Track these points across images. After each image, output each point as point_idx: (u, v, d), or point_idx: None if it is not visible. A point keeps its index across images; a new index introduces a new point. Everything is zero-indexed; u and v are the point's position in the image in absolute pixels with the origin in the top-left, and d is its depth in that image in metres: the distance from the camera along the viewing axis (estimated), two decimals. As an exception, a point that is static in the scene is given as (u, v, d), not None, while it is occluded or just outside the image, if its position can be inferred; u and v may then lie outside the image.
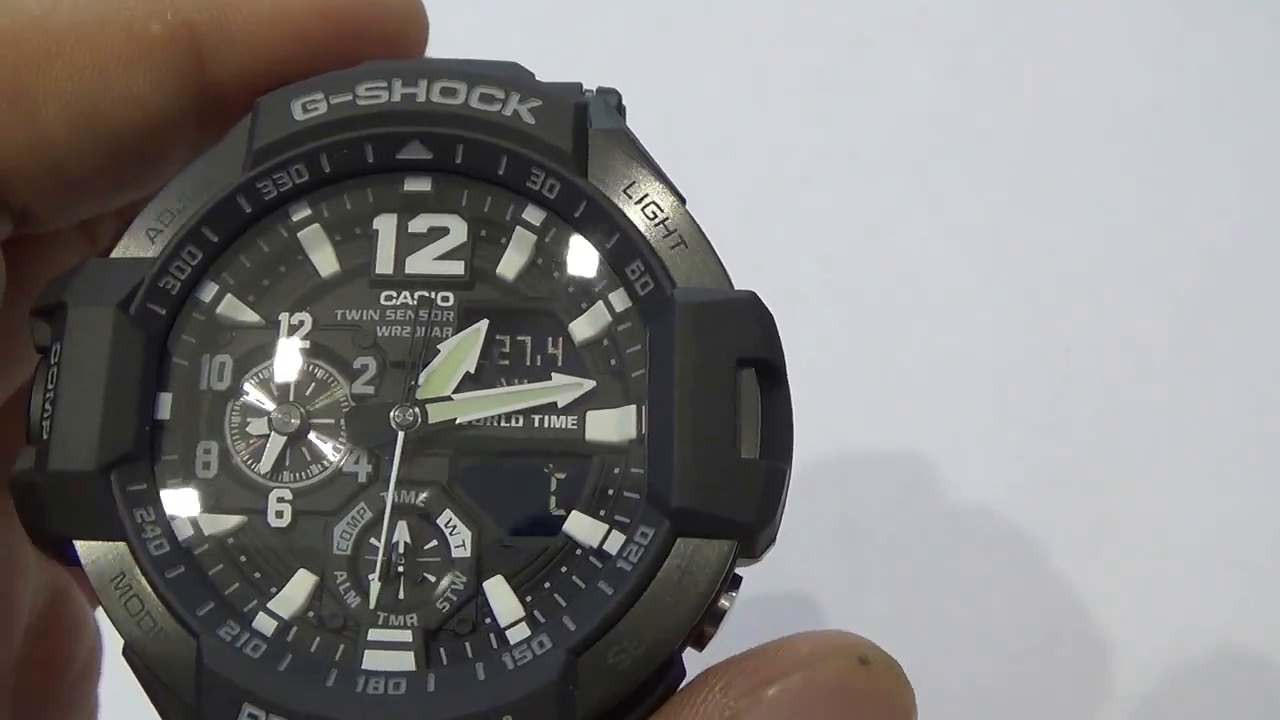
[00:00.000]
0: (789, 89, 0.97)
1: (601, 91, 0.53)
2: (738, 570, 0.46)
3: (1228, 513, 0.85)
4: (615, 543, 0.46)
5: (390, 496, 0.47)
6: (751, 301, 0.47)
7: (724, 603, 0.46)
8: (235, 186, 0.48)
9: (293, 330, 0.49)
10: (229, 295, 0.49)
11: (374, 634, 0.46)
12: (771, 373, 0.46)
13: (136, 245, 0.48)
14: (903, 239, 0.93)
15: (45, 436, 0.46)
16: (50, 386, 0.46)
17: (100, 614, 0.62)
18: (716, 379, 0.46)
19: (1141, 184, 0.94)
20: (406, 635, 0.46)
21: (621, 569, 0.45)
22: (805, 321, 0.78)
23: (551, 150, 0.48)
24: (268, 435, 0.48)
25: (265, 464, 0.48)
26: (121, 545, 0.45)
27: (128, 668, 0.46)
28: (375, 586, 0.47)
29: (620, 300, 0.49)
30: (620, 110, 0.53)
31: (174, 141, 0.52)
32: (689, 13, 0.99)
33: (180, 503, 0.47)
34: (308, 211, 0.50)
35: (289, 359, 0.49)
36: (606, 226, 0.48)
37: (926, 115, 0.97)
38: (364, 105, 0.49)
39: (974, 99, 0.97)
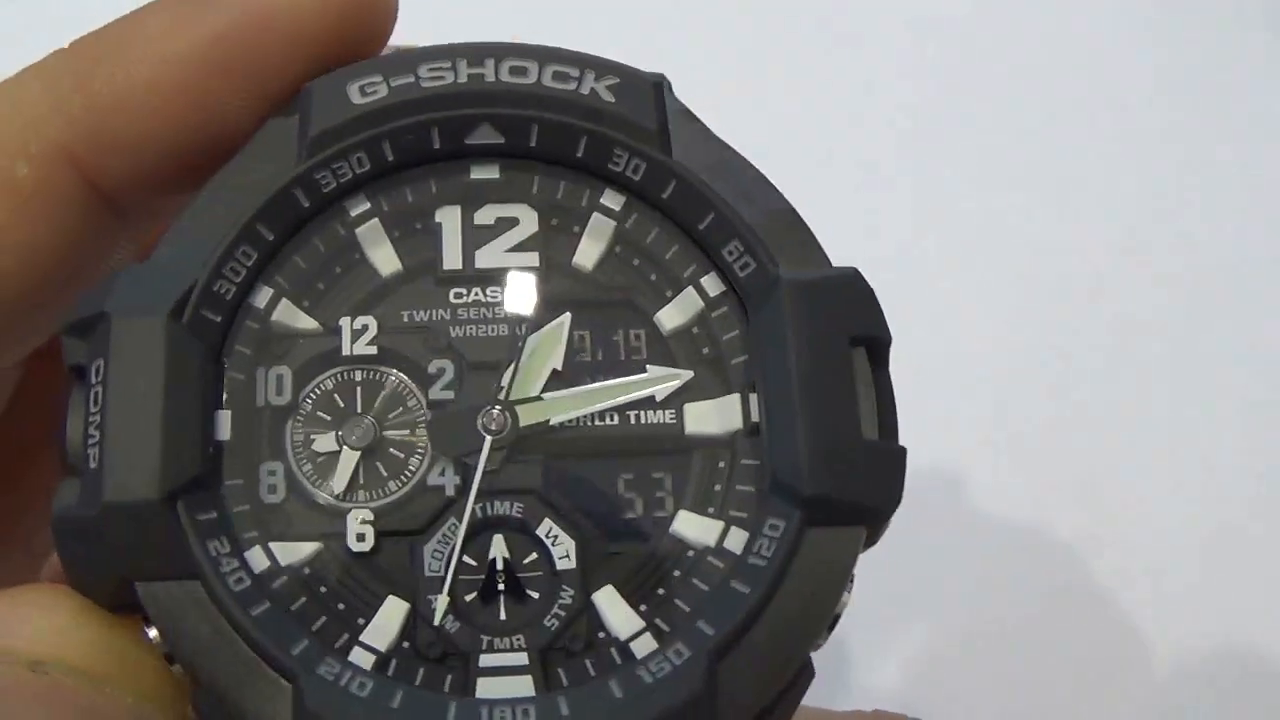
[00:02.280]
0: (785, 87, 0.96)
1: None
2: None
3: (1231, 512, 0.85)
4: (738, 539, 0.43)
5: (469, 506, 0.43)
6: (857, 278, 0.45)
7: (844, 600, 0.43)
8: (292, 178, 0.44)
9: (356, 336, 0.45)
10: (284, 300, 0.45)
11: (485, 659, 0.42)
12: (879, 350, 0.44)
13: (182, 246, 0.43)
14: (902, 239, 0.92)
15: (94, 465, 0.40)
16: (94, 409, 0.41)
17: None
18: (833, 360, 0.43)
19: (1142, 184, 0.94)
20: (522, 658, 0.42)
21: (755, 565, 0.42)
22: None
23: (635, 129, 0.45)
24: (337, 452, 0.44)
25: (338, 483, 0.43)
26: (193, 584, 0.40)
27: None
28: (442, 602, 0.42)
29: (714, 284, 0.46)
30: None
31: (94, 256, 0.47)
32: (683, 8, 0.97)
33: (251, 531, 0.42)
34: (366, 205, 0.46)
35: (355, 367, 0.45)
36: (699, 207, 0.45)
37: (926, 114, 0.96)
38: (429, 87, 0.45)
39: (974, 98, 0.97)
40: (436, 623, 0.42)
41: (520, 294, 0.46)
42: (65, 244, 0.45)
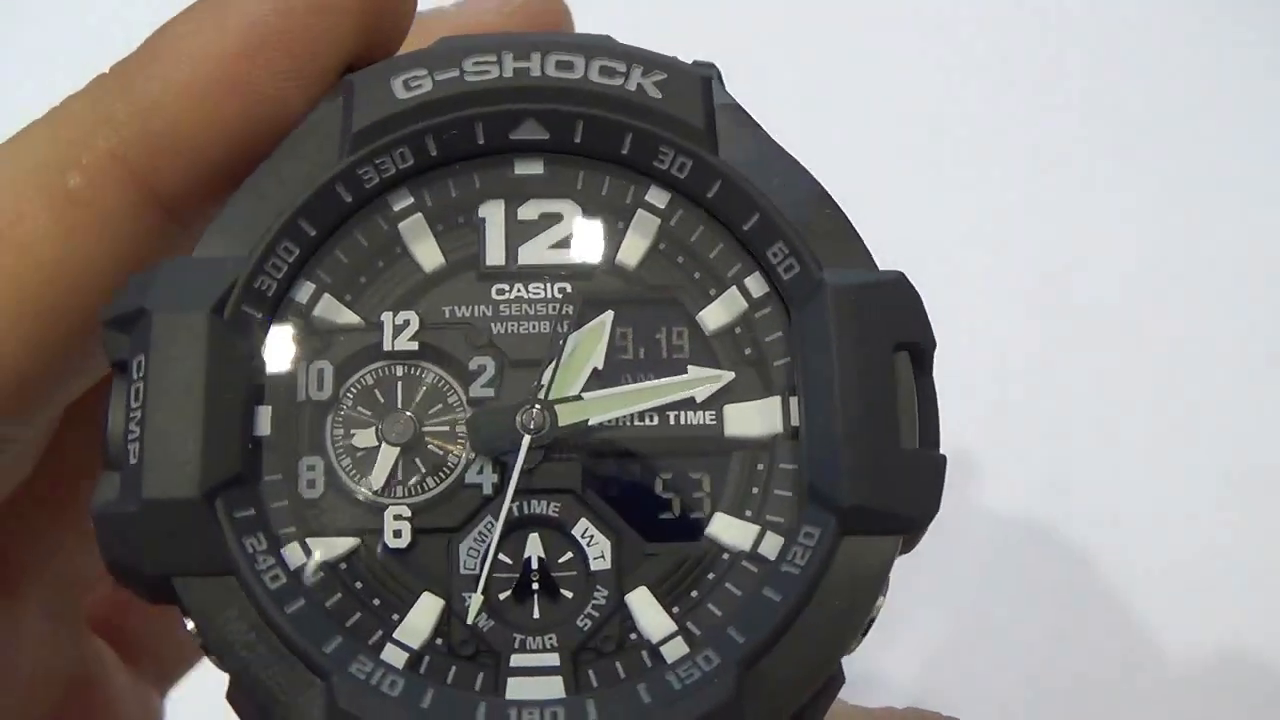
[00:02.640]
0: (790, 85, 0.95)
1: (697, 65, 0.50)
2: None
3: (1235, 512, 0.85)
4: (773, 545, 0.43)
5: (506, 505, 0.43)
6: (903, 283, 0.44)
7: (878, 604, 0.43)
8: (335, 174, 0.44)
9: (398, 331, 0.45)
10: (326, 295, 0.45)
11: (516, 659, 0.42)
12: (922, 356, 0.44)
13: (223, 242, 0.43)
14: (902, 238, 0.91)
15: (134, 461, 0.41)
16: (135, 404, 0.41)
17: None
18: (876, 366, 0.42)
19: (1144, 183, 0.93)
20: (553, 659, 0.42)
21: (788, 573, 0.41)
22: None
23: (682, 126, 0.45)
24: (377, 447, 0.44)
25: (377, 479, 0.44)
26: (230, 580, 0.41)
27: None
28: (477, 600, 0.42)
29: (757, 285, 0.45)
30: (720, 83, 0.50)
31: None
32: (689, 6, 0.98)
33: (289, 527, 0.43)
34: (410, 200, 0.46)
35: (396, 363, 0.45)
36: (745, 207, 0.45)
37: (927, 113, 0.96)
38: (473, 81, 0.44)
39: (978, 97, 0.96)
40: (470, 621, 0.42)
41: (564, 289, 0.45)
42: (123, 253, 0.45)
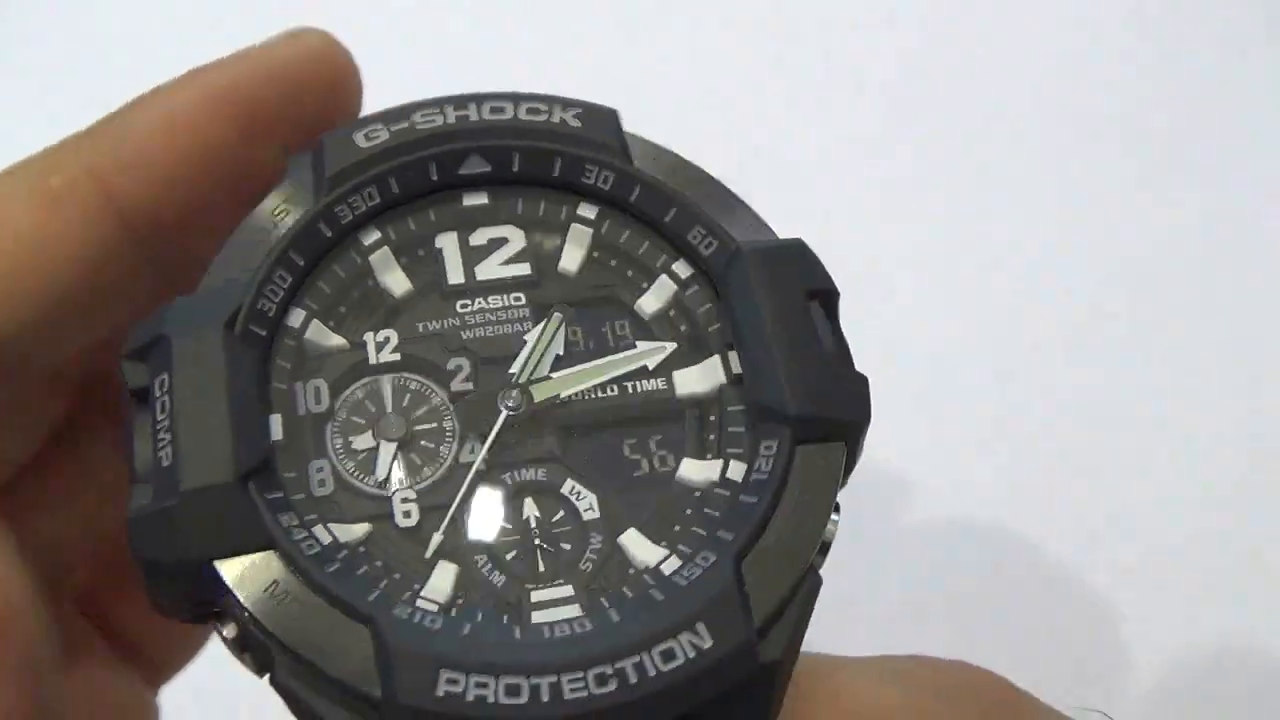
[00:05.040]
0: (770, 82, 0.99)
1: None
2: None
3: (1229, 511, 0.87)
4: (738, 470, 0.49)
5: (477, 464, 0.49)
6: (803, 245, 0.53)
7: (830, 528, 0.49)
8: (316, 212, 0.51)
9: (380, 347, 0.51)
10: (315, 321, 0.51)
11: (536, 595, 0.47)
12: (830, 303, 0.52)
13: (223, 276, 0.49)
14: (897, 237, 0.93)
15: (167, 464, 0.45)
16: (162, 416, 0.46)
17: None
18: (796, 309, 0.51)
19: (1138, 184, 0.96)
20: (568, 590, 0.47)
21: (759, 479, 0.48)
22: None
23: (602, 146, 0.54)
24: (375, 446, 0.49)
25: (379, 473, 0.49)
26: (269, 554, 0.45)
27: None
28: (437, 539, 0.47)
29: (683, 268, 0.53)
30: None
31: (113, 277, 0.52)
32: (671, 6, 1.01)
33: (311, 515, 0.47)
34: (377, 235, 0.53)
35: (383, 373, 0.51)
36: (663, 203, 0.53)
37: (917, 113, 0.98)
38: (423, 128, 0.53)
39: (969, 98, 0.99)
40: (428, 555, 0.47)
41: (518, 298, 0.53)
42: (89, 250, 0.50)
